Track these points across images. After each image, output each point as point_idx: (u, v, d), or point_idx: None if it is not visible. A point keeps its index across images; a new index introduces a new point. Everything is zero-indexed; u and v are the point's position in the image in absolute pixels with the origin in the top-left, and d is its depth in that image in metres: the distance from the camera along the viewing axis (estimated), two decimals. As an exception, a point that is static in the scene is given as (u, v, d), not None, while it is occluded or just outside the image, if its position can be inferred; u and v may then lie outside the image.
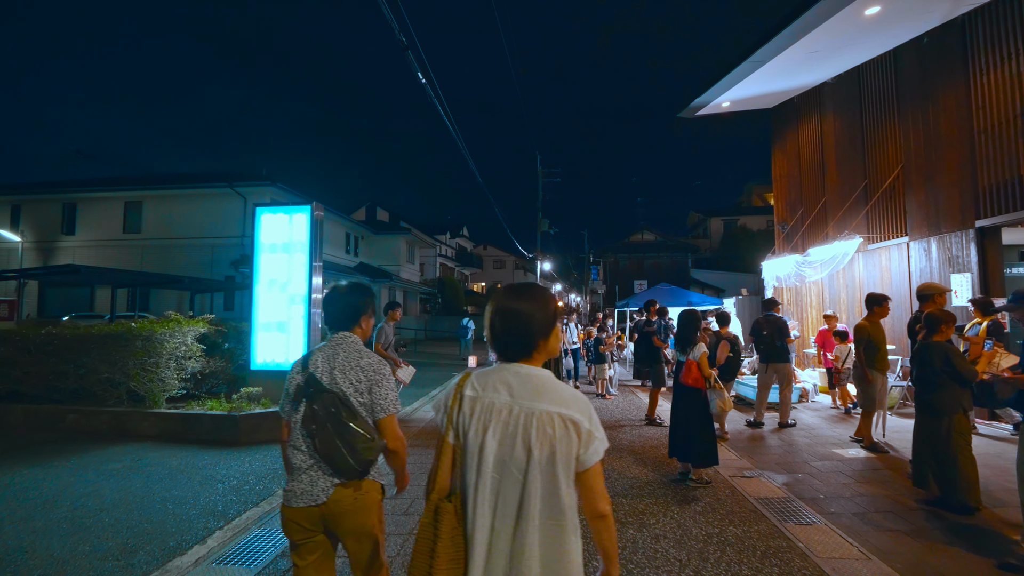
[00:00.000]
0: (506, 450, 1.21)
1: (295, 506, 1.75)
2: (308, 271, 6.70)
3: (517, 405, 1.23)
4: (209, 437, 5.77)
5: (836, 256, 8.26)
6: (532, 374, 1.28)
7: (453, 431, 1.28)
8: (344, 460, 1.71)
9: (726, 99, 10.45)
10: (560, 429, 1.20)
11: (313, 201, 6.83)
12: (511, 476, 1.20)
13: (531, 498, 1.17)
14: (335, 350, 1.87)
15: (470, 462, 1.23)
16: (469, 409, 1.26)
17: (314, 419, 1.71)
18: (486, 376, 1.30)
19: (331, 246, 22.56)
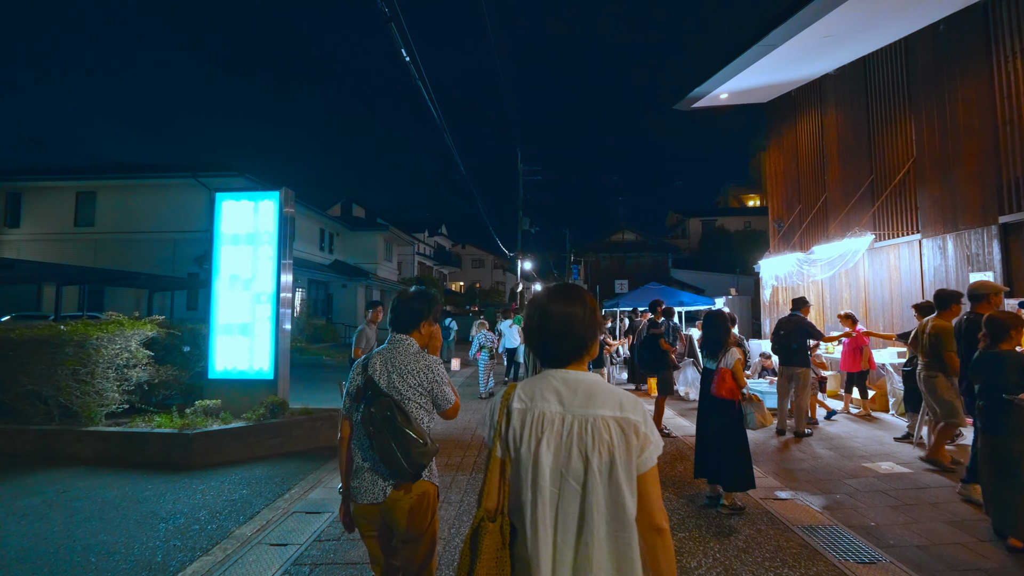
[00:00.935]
0: (562, 461, 1.16)
1: (360, 503, 1.87)
2: (276, 266, 5.90)
3: (569, 413, 1.19)
4: (156, 460, 4.92)
5: (845, 254, 7.87)
6: (581, 379, 1.23)
7: (501, 445, 1.24)
8: (399, 463, 1.76)
9: (725, 90, 10.00)
10: (617, 434, 1.16)
11: (283, 187, 6.03)
12: (570, 488, 1.15)
13: (594, 510, 1.13)
14: (393, 353, 1.94)
15: (524, 477, 1.18)
16: (519, 422, 1.21)
17: (371, 421, 1.78)
18: (532, 385, 1.25)
19: (304, 242, 21.44)
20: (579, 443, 1.15)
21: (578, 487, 1.14)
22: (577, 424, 1.16)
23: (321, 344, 18.75)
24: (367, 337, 5.34)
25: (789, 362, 6.08)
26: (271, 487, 4.43)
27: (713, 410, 4.00)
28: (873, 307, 8.26)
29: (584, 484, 1.13)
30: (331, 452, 5.55)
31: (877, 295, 8.17)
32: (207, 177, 16.14)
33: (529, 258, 38.20)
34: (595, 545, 1.11)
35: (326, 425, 5.82)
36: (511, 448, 1.21)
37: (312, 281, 21.30)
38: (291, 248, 6.13)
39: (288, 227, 6.07)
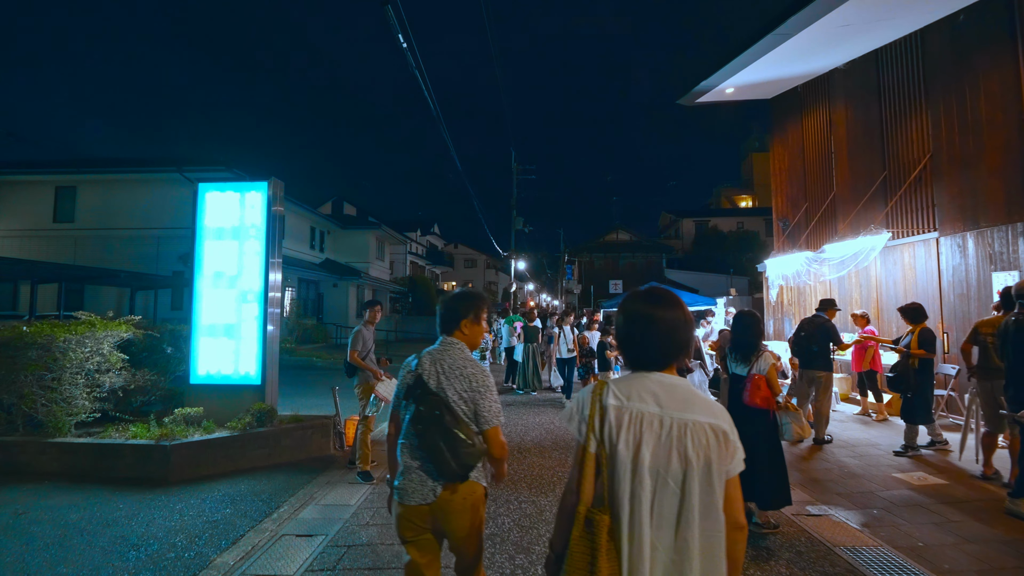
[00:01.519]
0: (661, 461, 1.21)
1: (408, 504, 1.83)
2: (264, 263, 5.47)
3: (668, 416, 1.23)
4: (130, 474, 4.47)
5: (859, 252, 7.60)
6: (676, 384, 1.28)
7: (595, 440, 1.27)
8: (447, 462, 1.77)
9: (732, 84, 9.72)
10: (712, 439, 1.21)
11: (271, 178, 5.60)
12: (667, 487, 1.20)
13: (691, 509, 1.19)
14: (442, 355, 1.94)
15: (622, 473, 1.22)
16: (615, 419, 1.25)
17: (420, 420, 1.80)
18: (628, 385, 1.29)
19: (294, 240, 20.89)
20: (679, 445, 1.20)
21: (676, 487, 1.19)
22: (676, 427, 1.21)
23: (311, 345, 18.23)
24: (364, 339, 4.92)
25: (810, 365, 5.79)
26: (257, 505, 4.01)
27: (744, 420, 3.65)
28: (885, 307, 8.00)
29: (682, 484, 1.19)
30: (323, 463, 5.14)
31: (890, 295, 7.91)
32: (193, 171, 15.54)
33: (523, 258, 37.85)
34: (691, 541, 1.17)
35: (317, 434, 5.41)
36: (606, 444, 1.25)
37: (302, 280, 20.76)
38: (280, 244, 5.71)
39: (277, 221, 5.65)
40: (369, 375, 4.85)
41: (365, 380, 4.84)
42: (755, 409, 3.57)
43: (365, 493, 4.27)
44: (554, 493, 4.28)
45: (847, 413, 7.28)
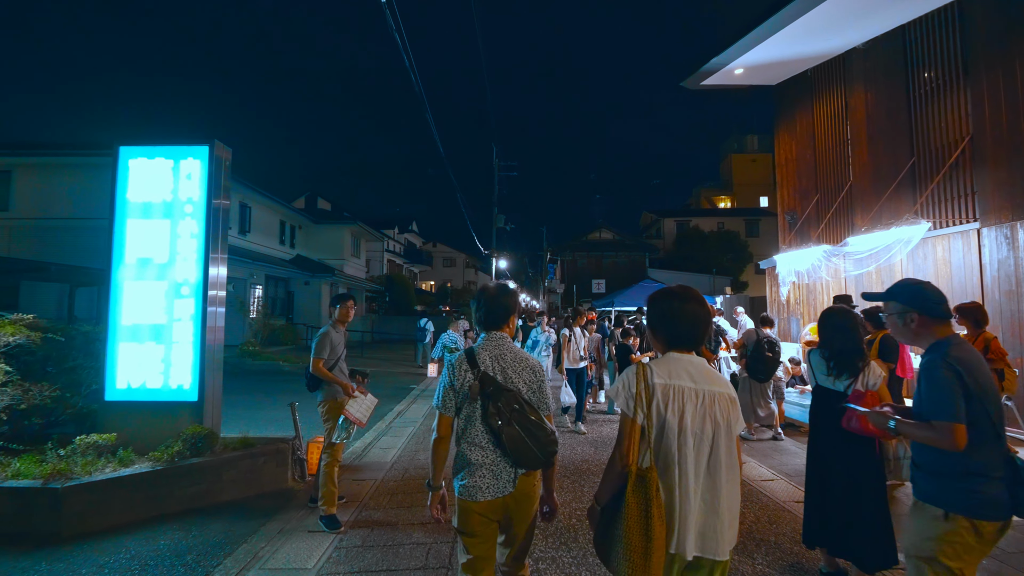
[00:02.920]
0: (699, 424, 1.58)
1: (482, 500, 1.87)
2: (203, 247, 4.35)
3: (701, 389, 1.60)
4: (8, 529, 3.31)
5: (892, 245, 6.86)
6: (700, 363, 1.66)
7: (643, 413, 1.58)
8: (531, 452, 1.85)
9: (742, 63, 8.94)
10: (729, 405, 1.63)
11: (214, 140, 4.47)
12: (703, 444, 1.58)
13: (719, 459, 1.58)
14: (500, 350, 1.99)
15: (672, 436, 1.57)
16: (662, 394, 1.58)
17: (499, 415, 1.85)
18: (667, 366, 1.63)
19: (262, 235, 19.44)
20: (710, 412, 1.59)
21: (708, 444, 1.59)
22: (707, 397, 1.60)
23: (279, 347, 16.85)
24: (332, 344, 3.85)
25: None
26: (179, 572, 2.93)
27: (842, 453, 2.75)
28: (914, 306, 7.30)
29: (713, 441, 1.59)
30: (278, 501, 4.06)
31: (919, 293, 7.21)
32: (145, 156, 14.06)
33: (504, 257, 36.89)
34: (720, 482, 1.58)
35: (271, 462, 4.31)
36: (654, 415, 1.58)
37: (270, 277, 19.32)
38: (226, 225, 4.59)
39: (223, 195, 4.53)
40: (338, 390, 3.80)
41: (332, 396, 3.79)
42: (857, 439, 2.67)
43: (330, 548, 3.23)
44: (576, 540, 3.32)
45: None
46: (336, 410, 3.74)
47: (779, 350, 5.73)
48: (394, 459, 5.29)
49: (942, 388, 1.74)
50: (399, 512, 3.84)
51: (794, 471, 4.75)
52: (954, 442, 1.69)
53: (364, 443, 5.89)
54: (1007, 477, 1.72)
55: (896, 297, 1.98)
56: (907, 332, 1.95)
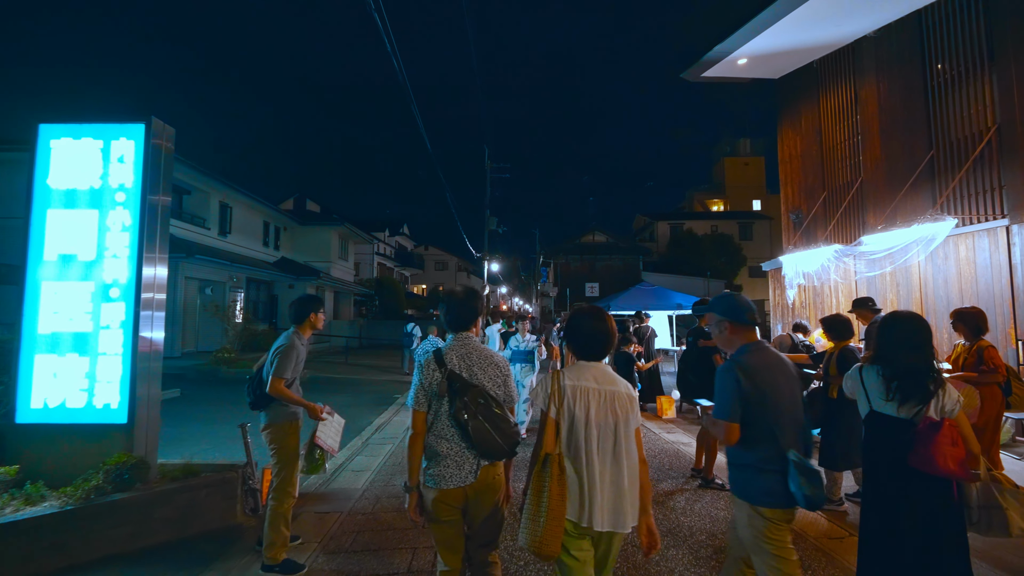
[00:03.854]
0: (602, 417, 1.86)
1: (445, 488, 2.03)
2: (136, 241, 3.71)
3: (602, 389, 1.89)
4: None
5: (915, 243, 6.35)
6: (604, 368, 1.97)
7: (555, 409, 1.87)
8: (496, 443, 2.02)
9: (746, 53, 8.44)
10: (627, 401, 1.91)
11: (151, 117, 3.83)
12: (607, 435, 1.85)
13: (622, 447, 1.86)
14: (466, 349, 2.16)
15: (579, 428, 1.85)
16: (572, 394, 1.87)
17: (466, 409, 2.01)
18: (577, 371, 1.93)
19: (243, 236, 18.70)
20: (611, 407, 1.87)
21: (611, 434, 1.86)
22: (608, 395, 1.88)
23: (259, 353, 16.05)
24: (298, 358, 3.20)
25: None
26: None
27: (910, 497, 2.18)
28: (933, 311, 6.80)
29: (615, 432, 1.86)
30: (222, 542, 3.41)
31: (940, 296, 6.71)
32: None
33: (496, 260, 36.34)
34: (623, 469, 1.84)
35: (217, 494, 3.66)
36: (566, 411, 1.86)
37: (252, 281, 18.56)
38: (166, 216, 3.94)
39: (162, 183, 3.89)
40: (292, 412, 3.17)
41: (284, 419, 3.13)
42: (934, 478, 2.09)
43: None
44: None
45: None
46: (287, 437, 3.12)
47: (816, 355, 5.17)
48: (366, 484, 4.65)
49: (723, 390, 2.08)
50: (363, 559, 3.20)
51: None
52: (726, 437, 2.04)
53: (334, 464, 5.24)
54: (782, 471, 1.98)
55: (714, 308, 2.25)
56: (723, 339, 2.23)
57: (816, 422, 4.17)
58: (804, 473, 1.93)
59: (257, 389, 3.16)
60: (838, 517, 3.87)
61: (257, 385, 3.16)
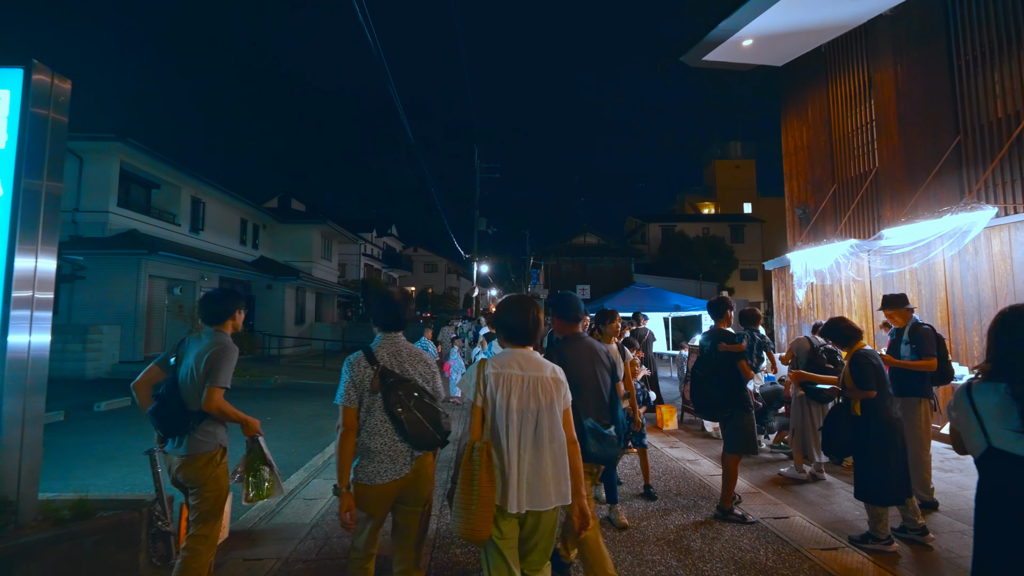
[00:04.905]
0: (524, 403, 1.91)
1: (379, 483, 2.06)
2: (6, 223, 2.90)
3: (527, 375, 1.94)
4: None
5: (946, 235, 5.71)
6: (531, 355, 2.02)
7: (481, 397, 1.93)
8: (430, 435, 2.10)
9: (752, 32, 7.81)
10: (552, 386, 1.95)
11: (32, 60, 3.03)
12: (528, 421, 1.90)
13: (542, 432, 1.90)
14: (396, 347, 2.22)
15: (500, 414, 1.90)
16: (495, 381, 1.93)
17: (399, 403, 2.06)
18: (502, 359, 1.99)
19: (218, 233, 17.75)
20: (533, 393, 1.92)
21: (534, 419, 1.90)
22: (531, 381, 1.93)
23: (232, 357, 15.15)
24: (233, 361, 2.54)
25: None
26: None
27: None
28: (960, 312, 6.16)
29: (537, 417, 1.90)
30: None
31: (969, 296, 6.07)
32: (73, 140, 12.38)
33: (486, 261, 35.58)
34: (544, 452, 1.89)
35: (111, 544, 2.84)
36: (489, 399, 1.92)
37: (227, 280, 17.60)
38: (55, 196, 3.13)
39: (50, 147, 3.08)
40: (225, 436, 2.56)
41: (217, 446, 2.51)
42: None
43: None
44: None
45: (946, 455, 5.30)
46: (215, 469, 2.47)
47: (841, 360, 4.49)
48: (317, 517, 3.86)
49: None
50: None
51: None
52: None
53: (297, 480, 4.45)
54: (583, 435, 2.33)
55: (553, 306, 2.78)
56: (557, 332, 2.82)
57: (843, 446, 3.49)
58: (596, 437, 2.47)
59: (171, 409, 2.42)
60: (888, 561, 3.16)
61: (171, 404, 2.42)
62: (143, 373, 2.58)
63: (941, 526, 3.67)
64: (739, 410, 3.78)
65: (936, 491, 4.09)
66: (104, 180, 12.85)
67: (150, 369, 2.58)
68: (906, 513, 3.37)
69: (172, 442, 2.46)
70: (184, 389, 2.41)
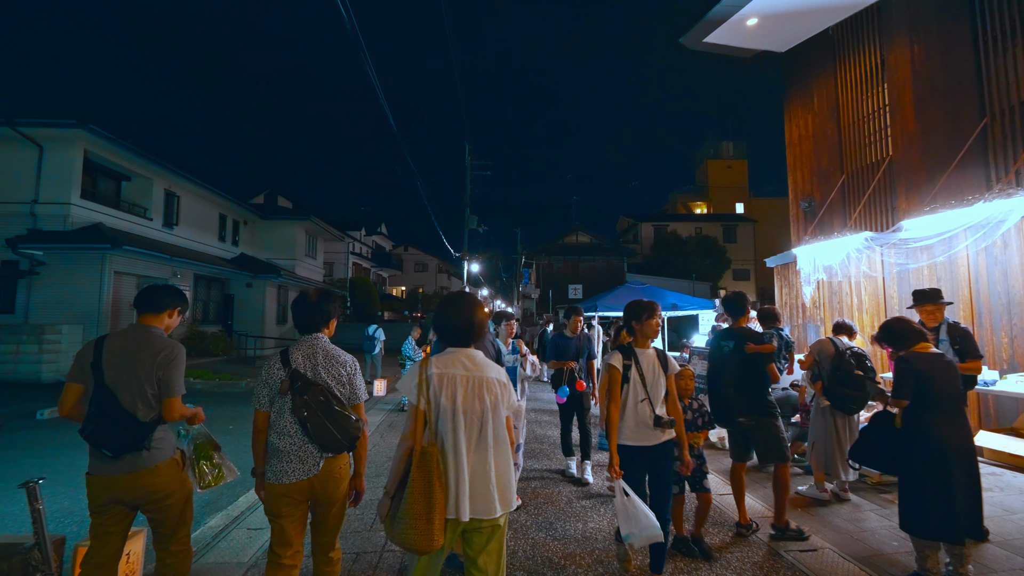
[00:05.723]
0: (469, 404, 1.85)
1: (287, 482, 2.06)
2: None
3: (472, 375, 1.89)
4: None
5: (976, 225, 5.17)
6: (476, 354, 1.97)
7: (425, 399, 1.85)
8: (335, 438, 2.07)
9: (758, 9, 7.28)
10: (498, 388, 1.92)
11: None
12: (474, 422, 1.85)
13: (488, 434, 1.86)
14: (312, 349, 2.19)
15: (446, 417, 1.83)
16: (438, 382, 1.86)
17: (305, 407, 2.05)
18: (445, 359, 1.92)
19: (194, 229, 16.94)
20: (479, 394, 1.87)
21: (479, 421, 1.86)
22: (476, 382, 1.88)
23: (207, 359, 14.41)
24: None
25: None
26: None
27: None
28: (987, 310, 5.64)
29: (482, 419, 1.86)
30: None
31: (997, 293, 5.55)
32: (31, 127, 11.57)
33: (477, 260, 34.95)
34: (489, 453, 1.85)
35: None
36: (433, 400, 1.85)
37: (203, 278, 16.79)
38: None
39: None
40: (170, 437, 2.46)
41: (175, 449, 2.46)
42: None
43: None
44: None
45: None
46: (179, 472, 2.34)
47: (871, 365, 3.92)
48: (258, 554, 3.21)
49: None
50: None
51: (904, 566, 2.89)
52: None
53: (227, 517, 3.79)
54: None
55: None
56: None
57: (880, 460, 2.95)
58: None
59: (122, 425, 2.11)
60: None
61: (120, 420, 2.11)
62: (66, 398, 2.19)
63: (994, 562, 3.11)
64: (767, 415, 3.19)
65: (985, 516, 3.53)
66: (66, 170, 12.01)
67: (71, 389, 2.19)
68: (953, 552, 2.77)
69: (117, 460, 2.12)
70: (128, 401, 2.13)
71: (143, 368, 2.14)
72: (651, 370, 2.76)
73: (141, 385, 2.13)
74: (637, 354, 2.78)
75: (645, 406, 2.69)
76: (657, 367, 2.78)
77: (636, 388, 2.72)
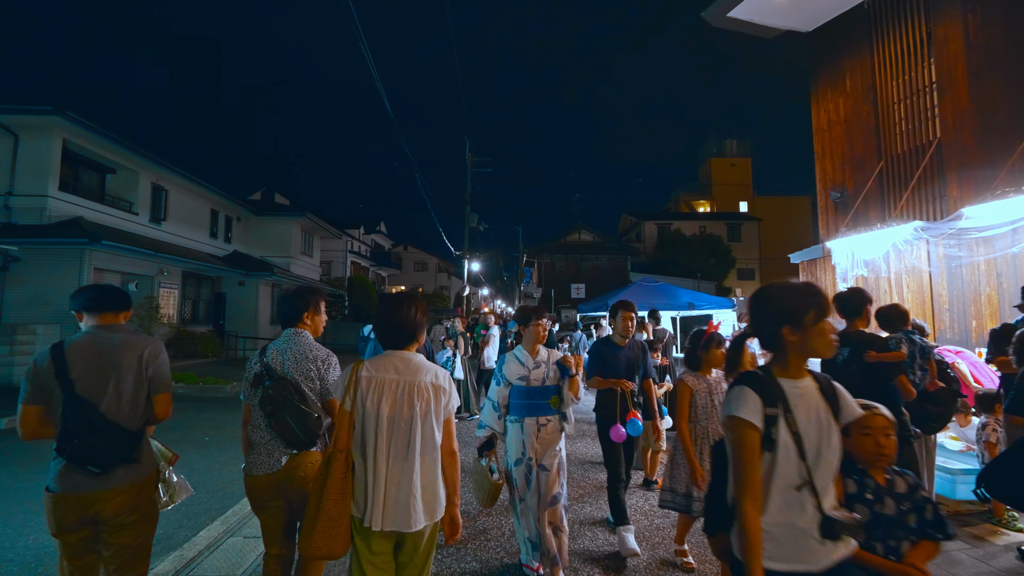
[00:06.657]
0: (397, 410, 1.75)
1: (256, 474, 2.09)
2: None
3: (403, 379, 1.78)
4: None
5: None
6: (411, 357, 1.85)
7: (350, 401, 1.76)
8: (295, 435, 2.05)
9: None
10: (431, 393, 1.79)
11: None
12: (401, 429, 1.75)
13: (415, 442, 1.74)
14: (288, 344, 2.21)
15: (369, 422, 1.73)
16: (366, 385, 1.76)
17: (270, 402, 2.06)
18: (378, 361, 1.82)
19: (183, 225, 16.23)
20: (408, 400, 1.76)
21: (405, 428, 1.75)
22: (407, 386, 1.77)
23: (194, 360, 13.71)
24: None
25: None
26: None
27: None
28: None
29: (410, 426, 1.75)
30: None
31: (1074, 287, 4.85)
32: (3, 114, 10.87)
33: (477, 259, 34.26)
34: (415, 462, 1.73)
35: None
36: (359, 403, 1.75)
37: (192, 275, 16.09)
38: None
39: None
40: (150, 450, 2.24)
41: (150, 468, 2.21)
42: None
43: None
44: None
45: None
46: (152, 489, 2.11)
47: (953, 375, 3.24)
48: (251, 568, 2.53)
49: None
50: None
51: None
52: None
53: (208, 539, 3.09)
54: None
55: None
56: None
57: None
58: None
59: (111, 436, 1.92)
60: None
61: (106, 431, 1.91)
62: (26, 421, 1.94)
63: None
64: (903, 441, 2.51)
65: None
66: (42, 160, 11.32)
67: (29, 412, 1.94)
68: None
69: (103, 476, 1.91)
70: (113, 410, 1.95)
71: (131, 370, 2.00)
72: (815, 422, 1.39)
73: (130, 389, 1.99)
74: (787, 394, 1.40)
75: (806, 495, 1.36)
76: (824, 413, 1.41)
77: (787, 460, 1.36)
